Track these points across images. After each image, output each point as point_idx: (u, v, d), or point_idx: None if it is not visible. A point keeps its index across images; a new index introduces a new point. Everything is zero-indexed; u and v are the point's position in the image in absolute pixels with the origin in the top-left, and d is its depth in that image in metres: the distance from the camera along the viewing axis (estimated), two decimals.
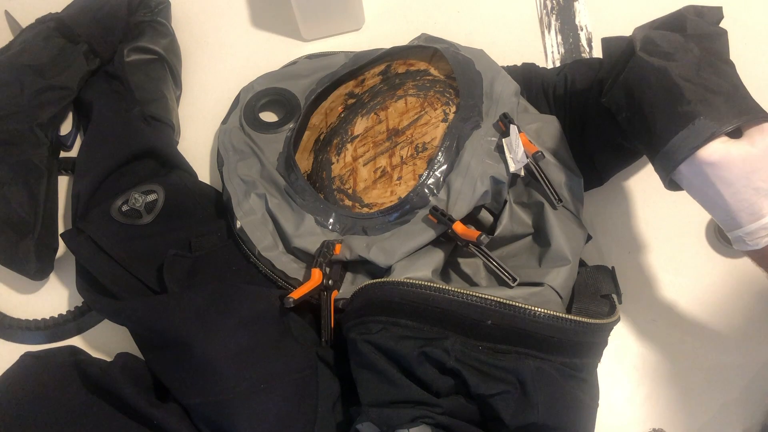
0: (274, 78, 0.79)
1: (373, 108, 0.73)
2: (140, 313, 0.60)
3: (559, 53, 0.83)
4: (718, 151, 0.51)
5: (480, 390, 0.53)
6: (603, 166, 0.69)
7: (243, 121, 0.76)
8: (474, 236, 0.57)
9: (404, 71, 0.74)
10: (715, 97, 0.52)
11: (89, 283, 0.65)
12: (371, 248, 0.61)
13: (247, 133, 0.75)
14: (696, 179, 0.53)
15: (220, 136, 0.76)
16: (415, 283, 0.56)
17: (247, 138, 0.74)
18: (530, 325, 0.54)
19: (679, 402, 0.67)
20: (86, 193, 0.67)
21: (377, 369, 0.55)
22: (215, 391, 0.56)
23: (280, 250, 0.66)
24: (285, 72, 0.80)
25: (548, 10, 0.86)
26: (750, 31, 0.82)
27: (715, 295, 0.71)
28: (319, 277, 0.60)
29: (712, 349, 0.68)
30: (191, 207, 0.71)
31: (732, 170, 0.50)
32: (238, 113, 0.77)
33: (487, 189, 0.61)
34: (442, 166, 0.63)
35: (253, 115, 0.77)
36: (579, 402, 0.56)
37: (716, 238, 0.72)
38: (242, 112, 0.77)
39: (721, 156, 0.50)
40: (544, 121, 0.68)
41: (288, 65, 0.82)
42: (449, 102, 0.68)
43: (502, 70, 0.69)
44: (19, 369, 0.59)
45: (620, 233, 0.73)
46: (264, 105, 0.79)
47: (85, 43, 0.75)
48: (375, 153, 0.70)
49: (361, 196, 0.68)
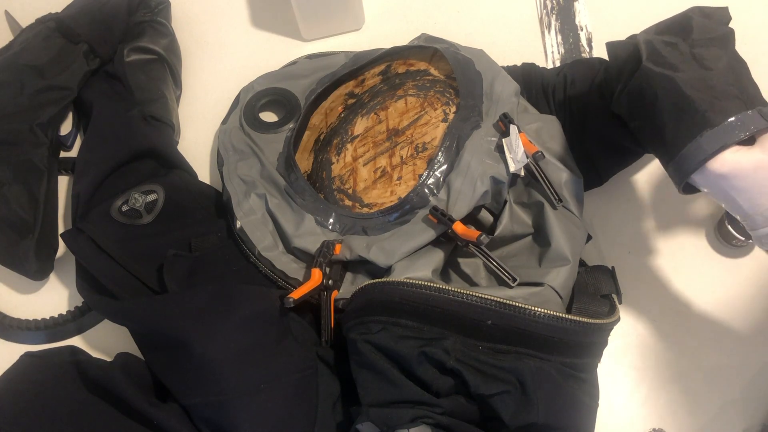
0: (274, 78, 0.79)
1: (373, 108, 0.73)
2: (140, 313, 0.59)
3: (559, 53, 0.83)
4: (729, 162, 0.50)
5: (480, 390, 0.53)
6: (603, 167, 0.68)
7: (243, 121, 0.76)
8: (474, 236, 0.57)
9: (404, 71, 0.74)
10: (724, 104, 0.51)
11: (89, 283, 0.64)
12: (371, 248, 0.61)
13: (247, 133, 0.74)
14: (709, 187, 0.52)
15: (220, 136, 0.75)
16: (415, 283, 0.56)
17: (247, 138, 0.74)
18: (530, 325, 0.54)
19: (679, 402, 0.66)
20: (86, 193, 0.67)
21: (377, 369, 0.54)
22: (215, 391, 0.55)
23: (280, 250, 0.65)
24: (285, 72, 0.79)
25: (548, 10, 0.85)
26: (751, 30, 0.81)
27: (715, 295, 0.70)
28: (319, 277, 0.60)
29: (712, 349, 0.68)
30: (191, 207, 0.70)
31: (745, 179, 0.50)
32: (238, 113, 0.76)
33: (487, 189, 0.60)
34: (442, 166, 0.62)
35: (253, 115, 0.76)
36: (579, 402, 0.55)
37: (716, 238, 0.72)
38: (242, 112, 0.76)
39: (731, 167, 0.50)
40: (544, 121, 0.68)
41: (288, 65, 0.81)
42: (449, 102, 0.68)
43: (502, 70, 0.69)
44: (19, 369, 0.59)
45: (620, 233, 0.73)
46: (264, 105, 0.78)
47: (85, 43, 0.75)
48: (375, 153, 0.69)
49: (361, 196, 0.68)
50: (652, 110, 0.54)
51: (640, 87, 0.56)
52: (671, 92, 0.53)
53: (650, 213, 0.74)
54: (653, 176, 0.75)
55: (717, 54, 0.54)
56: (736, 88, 0.52)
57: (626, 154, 0.67)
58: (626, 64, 0.60)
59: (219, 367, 0.55)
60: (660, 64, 0.55)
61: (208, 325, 0.56)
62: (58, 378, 0.58)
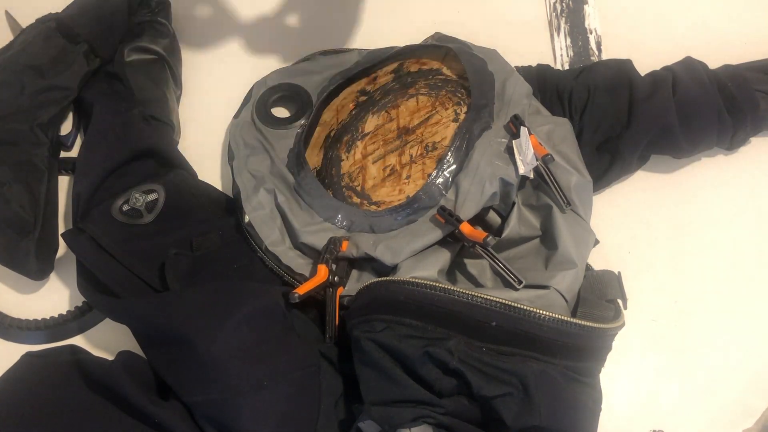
0: (287, 73, 0.75)
1: (384, 106, 0.70)
2: (143, 311, 0.56)
3: (568, 56, 0.78)
4: None
5: (483, 391, 0.50)
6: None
7: (255, 116, 0.72)
8: (481, 237, 0.54)
9: (417, 70, 0.71)
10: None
11: (90, 282, 0.61)
12: (378, 246, 0.58)
13: (258, 129, 0.71)
14: None
15: (231, 130, 0.72)
16: (420, 283, 0.53)
17: (258, 133, 0.71)
18: (535, 328, 0.51)
19: (679, 402, 0.64)
20: (87, 193, 0.64)
21: (380, 367, 0.52)
22: (218, 388, 0.52)
23: (287, 246, 0.63)
24: (298, 68, 0.76)
25: (557, 12, 0.81)
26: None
27: (714, 294, 0.67)
28: (324, 274, 0.57)
29: (712, 349, 0.65)
30: (192, 206, 0.67)
31: None
32: (251, 108, 0.73)
33: (496, 190, 0.58)
34: (452, 166, 0.60)
35: (265, 111, 0.73)
36: (582, 406, 0.53)
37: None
38: (254, 107, 0.73)
39: None
40: (555, 123, 0.65)
41: (301, 61, 0.78)
42: (461, 102, 0.65)
43: (515, 71, 0.66)
44: (19, 369, 0.56)
45: (620, 233, 0.70)
46: (276, 100, 0.75)
47: (85, 43, 0.72)
48: (385, 151, 0.67)
49: (370, 194, 0.65)
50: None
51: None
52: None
53: (650, 213, 0.71)
54: (653, 176, 0.72)
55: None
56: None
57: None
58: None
59: (221, 364, 0.52)
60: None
61: (210, 322, 0.53)
62: (59, 377, 0.55)
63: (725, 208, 0.69)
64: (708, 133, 0.66)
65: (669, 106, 0.64)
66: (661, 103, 0.65)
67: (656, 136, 0.65)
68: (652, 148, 0.67)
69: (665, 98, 0.65)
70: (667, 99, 0.65)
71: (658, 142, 0.66)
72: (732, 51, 0.73)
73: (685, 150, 0.67)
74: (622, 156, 0.66)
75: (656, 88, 0.66)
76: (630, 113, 0.65)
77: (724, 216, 0.69)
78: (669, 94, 0.65)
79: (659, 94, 0.65)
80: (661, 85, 0.66)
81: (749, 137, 0.69)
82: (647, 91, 0.66)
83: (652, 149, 0.67)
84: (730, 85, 0.66)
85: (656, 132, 0.65)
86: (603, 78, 0.68)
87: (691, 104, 0.65)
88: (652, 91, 0.66)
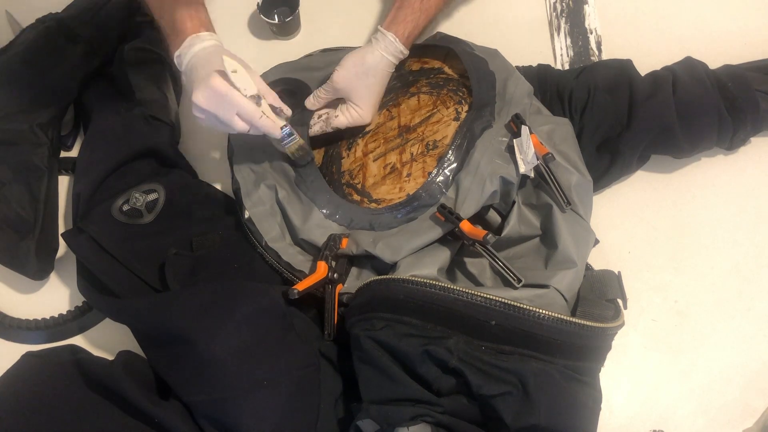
0: (289, 68, 0.74)
1: (385, 104, 0.69)
2: (143, 311, 0.55)
3: (568, 56, 0.77)
4: None
5: (482, 390, 0.49)
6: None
7: None
8: (481, 235, 0.54)
9: (418, 69, 0.70)
10: None
11: (90, 282, 0.60)
12: (377, 243, 0.57)
13: None
14: None
15: None
16: (420, 281, 0.52)
17: None
18: (534, 327, 0.50)
19: (679, 402, 0.63)
20: (87, 192, 0.63)
21: (379, 366, 0.51)
22: (218, 388, 0.51)
23: (287, 242, 0.62)
24: (300, 63, 0.75)
25: (558, 12, 0.80)
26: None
27: (714, 295, 0.66)
28: (324, 270, 0.57)
29: (712, 349, 0.64)
30: (192, 206, 0.67)
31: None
32: None
33: (496, 189, 0.57)
34: (452, 164, 0.59)
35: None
36: (581, 405, 0.52)
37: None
38: None
39: None
40: (556, 123, 0.64)
41: (303, 57, 0.77)
42: (462, 101, 0.64)
43: (515, 70, 0.65)
44: (20, 368, 0.56)
45: (620, 233, 0.69)
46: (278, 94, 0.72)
47: (86, 43, 0.71)
48: (385, 149, 0.66)
49: (370, 192, 0.64)
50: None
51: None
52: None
53: (650, 213, 0.70)
54: (653, 176, 0.71)
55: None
56: None
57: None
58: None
59: (221, 364, 0.51)
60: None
61: (210, 322, 0.53)
62: (59, 377, 0.54)
63: (725, 208, 0.68)
64: (708, 133, 0.65)
65: (669, 106, 0.64)
66: (661, 103, 0.64)
67: (656, 136, 0.64)
68: (652, 148, 0.66)
69: (665, 98, 0.64)
70: (668, 99, 0.64)
71: (659, 142, 0.65)
72: (732, 51, 0.72)
73: (685, 150, 0.66)
74: (622, 156, 0.65)
75: (656, 88, 0.65)
76: (630, 113, 0.64)
77: (724, 216, 0.68)
78: (669, 94, 0.64)
79: (659, 94, 0.64)
80: (662, 85, 0.65)
81: (749, 137, 0.68)
82: (647, 91, 0.65)
83: (652, 149, 0.66)
84: (731, 85, 0.65)
85: (656, 132, 0.64)
86: (603, 78, 0.67)
87: (691, 104, 0.64)
88: (653, 91, 0.65)
